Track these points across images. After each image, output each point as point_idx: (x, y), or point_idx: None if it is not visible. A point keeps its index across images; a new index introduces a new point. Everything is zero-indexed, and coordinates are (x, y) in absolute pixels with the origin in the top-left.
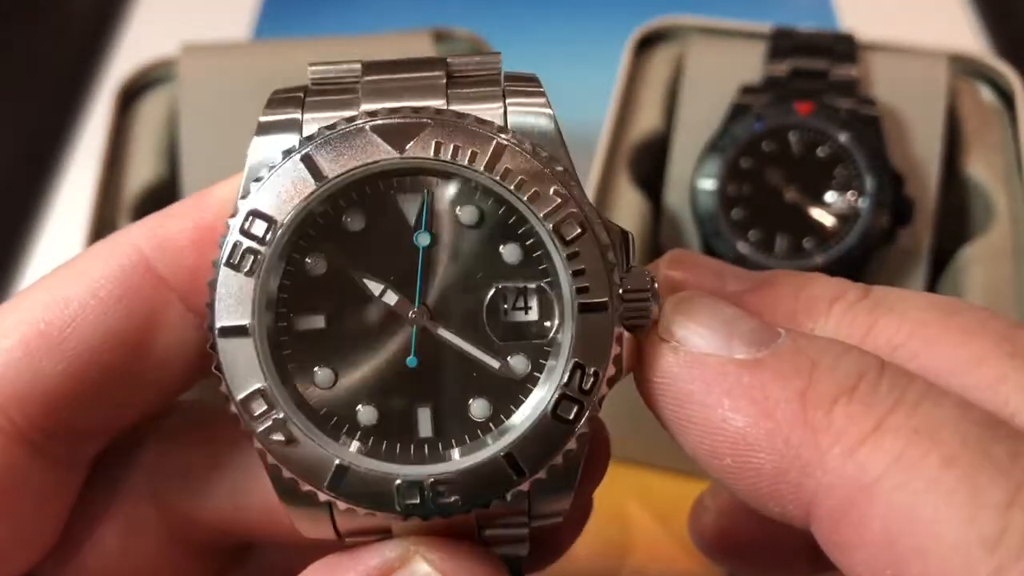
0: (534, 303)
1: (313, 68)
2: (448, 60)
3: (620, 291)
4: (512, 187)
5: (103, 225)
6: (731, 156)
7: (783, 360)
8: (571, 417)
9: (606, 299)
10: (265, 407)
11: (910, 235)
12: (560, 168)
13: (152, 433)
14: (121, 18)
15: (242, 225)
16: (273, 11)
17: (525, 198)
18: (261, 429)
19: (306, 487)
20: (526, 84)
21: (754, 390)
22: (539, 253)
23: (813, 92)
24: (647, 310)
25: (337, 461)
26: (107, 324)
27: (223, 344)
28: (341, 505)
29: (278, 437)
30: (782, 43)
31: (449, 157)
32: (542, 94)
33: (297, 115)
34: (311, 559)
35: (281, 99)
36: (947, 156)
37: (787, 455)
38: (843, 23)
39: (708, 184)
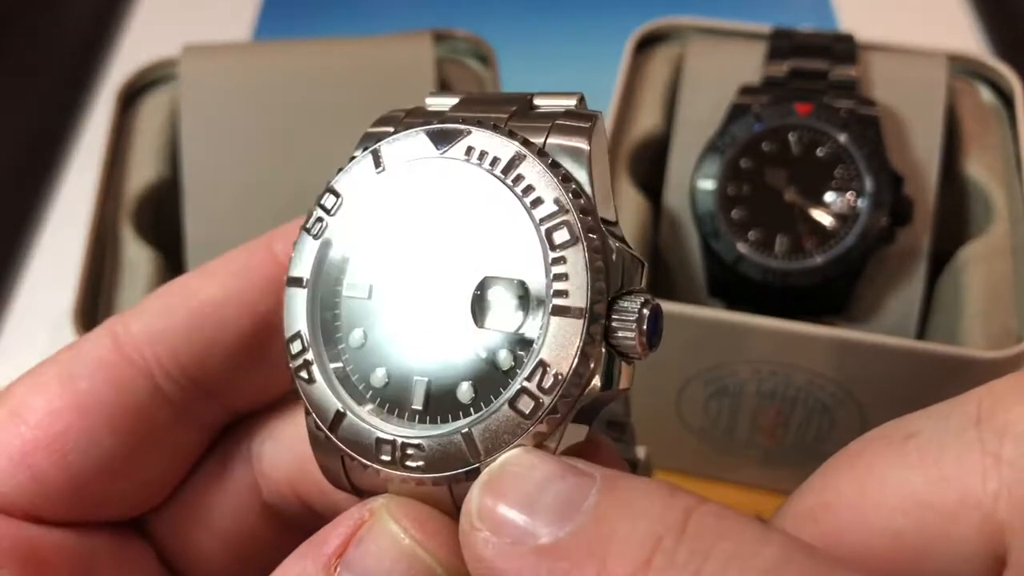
0: (517, 298)
1: (430, 100)
2: (533, 97)
3: (606, 308)
4: (520, 191)
5: (104, 225)
6: (731, 156)
7: (581, 538)
8: (527, 412)
9: (582, 307)
10: (300, 348)
11: (909, 235)
12: (573, 186)
13: (260, 412)
14: (122, 18)
15: (320, 199)
16: (274, 12)
17: (528, 201)
18: (294, 366)
19: (321, 431)
20: (577, 119)
21: None
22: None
23: (813, 92)
24: (631, 338)
25: (338, 407)
26: (230, 286)
27: (288, 292)
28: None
29: (303, 375)
30: (781, 44)
31: (476, 160)
32: (584, 131)
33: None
34: None
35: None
36: (946, 156)
37: None
38: (842, 23)
39: (708, 184)
